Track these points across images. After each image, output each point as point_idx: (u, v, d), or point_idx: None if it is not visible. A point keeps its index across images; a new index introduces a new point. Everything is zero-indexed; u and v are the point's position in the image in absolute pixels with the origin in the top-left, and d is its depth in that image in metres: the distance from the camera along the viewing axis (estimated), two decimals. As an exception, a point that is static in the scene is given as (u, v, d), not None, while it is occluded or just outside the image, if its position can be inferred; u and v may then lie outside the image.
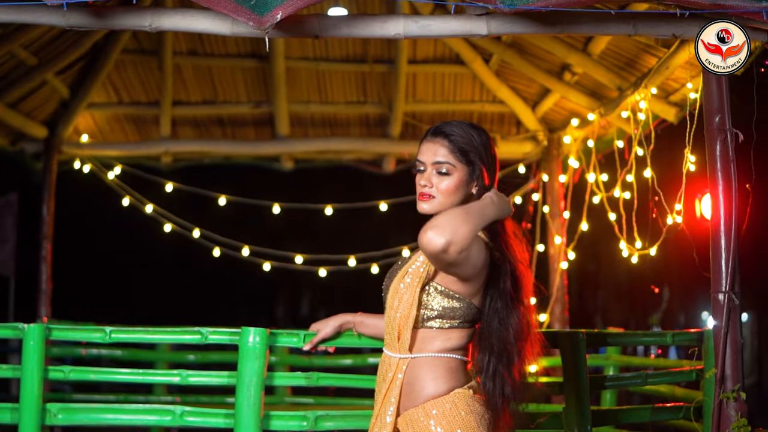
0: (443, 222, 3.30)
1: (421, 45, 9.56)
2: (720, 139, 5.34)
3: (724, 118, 5.36)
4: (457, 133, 3.65)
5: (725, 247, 5.29)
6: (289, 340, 4.76)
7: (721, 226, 5.31)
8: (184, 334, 4.85)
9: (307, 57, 9.73)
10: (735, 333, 5.26)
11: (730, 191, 5.30)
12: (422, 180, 3.65)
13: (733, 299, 5.25)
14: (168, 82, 9.62)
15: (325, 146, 10.31)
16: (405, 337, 3.58)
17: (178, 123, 10.17)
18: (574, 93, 8.75)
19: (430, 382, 3.56)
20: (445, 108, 10.20)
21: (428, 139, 3.69)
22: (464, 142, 3.63)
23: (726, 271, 5.28)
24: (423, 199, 3.65)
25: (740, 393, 5.17)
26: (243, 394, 4.62)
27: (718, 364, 5.22)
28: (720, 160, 5.35)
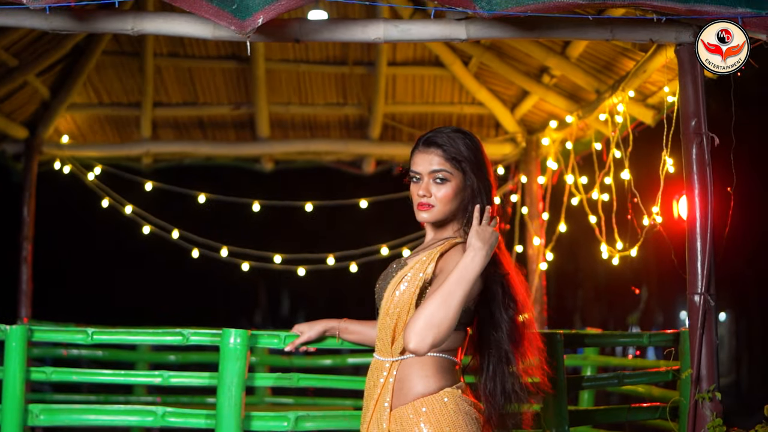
0: (422, 325, 3.33)
1: (401, 47, 9.60)
2: (696, 142, 5.38)
3: (701, 122, 5.41)
4: (449, 141, 3.71)
5: (701, 249, 5.33)
6: (270, 342, 4.79)
7: (696, 228, 5.35)
8: (166, 335, 4.87)
9: (288, 59, 9.75)
10: (710, 334, 5.30)
11: (706, 194, 5.34)
12: (420, 190, 3.74)
13: (709, 301, 5.29)
14: (148, 83, 9.63)
15: (305, 147, 10.32)
16: (400, 341, 3.63)
17: (159, 124, 10.17)
18: (553, 95, 8.80)
19: (420, 380, 3.62)
20: (425, 110, 10.23)
21: (421, 150, 3.76)
22: (456, 150, 3.69)
23: (701, 272, 5.31)
24: (422, 209, 3.74)
25: (715, 393, 5.22)
26: (224, 394, 4.64)
27: (694, 365, 5.26)
28: (696, 164, 5.39)
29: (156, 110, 9.97)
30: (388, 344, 3.67)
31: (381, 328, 3.72)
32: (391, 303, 3.67)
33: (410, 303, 3.62)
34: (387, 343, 3.68)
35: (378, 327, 3.75)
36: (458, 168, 3.71)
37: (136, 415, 4.83)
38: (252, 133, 10.25)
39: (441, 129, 3.80)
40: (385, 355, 3.69)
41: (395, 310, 3.65)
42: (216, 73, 9.84)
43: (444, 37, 5.35)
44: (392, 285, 3.70)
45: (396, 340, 3.65)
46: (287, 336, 4.67)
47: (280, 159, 10.62)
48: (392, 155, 10.47)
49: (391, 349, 3.67)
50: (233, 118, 10.24)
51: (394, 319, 3.66)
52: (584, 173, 8.70)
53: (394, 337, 3.66)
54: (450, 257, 3.63)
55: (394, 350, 3.65)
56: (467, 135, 3.78)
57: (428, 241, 3.88)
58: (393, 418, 3.61)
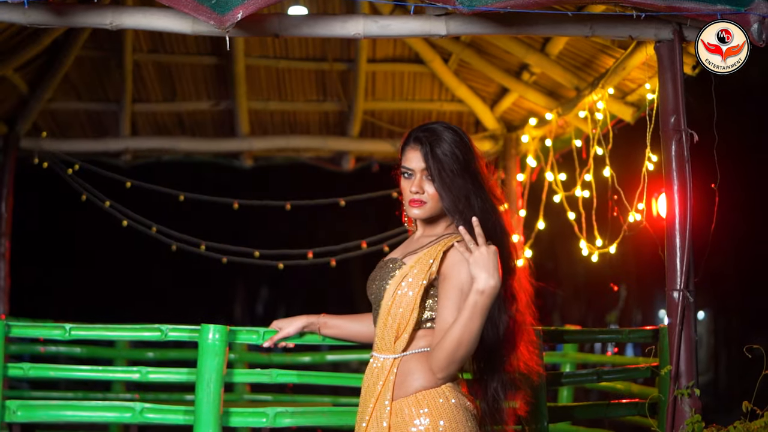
0: (446, 362, 3.51)
1: (381, 44, 9.59)
2: (675, 139, 5.38)
3: (680, 119, 5.41)
4: (440, 137, 3.72)
5: (680, 246, 5.33)
6: (248, 337, 4.78)
7: (675, 225, 5.35)
8: (144, 331, 4.83)
9: (267, 55, 9.72)
10: (689, 330, 5.31)
11: (685, 191, 5.35)
12: (413, 186, 3.76)
13: (688, 297, 5.29)
14: (128, 79, 9.58)
15: (285, 144, 10.27)
16: (404, 338, 3.66)
17: (138, 121, 10.10)
18: (532, 92, 8.81)
19: (422, 374, 3.64)
20: (404, 107, 10.22)
21: (413, 146, 3.77)
22: (448, 147, 3.71)
23: (680, 269, 5.31)
24: (415, 206, 3.77)
25: (694, 390, 5.22)
26: (203, 390, 4.62)
27: (673, 361, 5.26)
28: (675, 160, 5.39)
29: (135, 106, 9.90)
30: (391, 342, 3.69)
31: (381, 326, 3.73)
32: (393, 302, 3.69)
33: (414, 303, 3.66)
34: (389, 341, 3.70)
35: (378, 326, 3.76)
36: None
37: (115, 411, 4.80)
38: (231, 130, 10.19)
39: (431, 125, 3.80)
40: (386, 352, 3.71)
41: (398, 310, 3.67)
42: (195, 69, 9.80)
43: (424, 32, 5.35)
44: (393, 284, 3.71)
45: (400, 338, 3.67)
46: (266, 332, 4.66)
47: (260, 155, 10.58)
48: (372, 152, 10.44)
49: (393, 346, 3.69)
50: (212, 114, 10.18)
51: (397, 319, 3.68)
52: (563, 170, 8.70)
53: (398, 335, 3.68)
54: (453, 262, 3.65)
55: (397, 347, 3.68)
56: (457, 131, 3.79)
57: (418, 237, 3.91)
58: (393, 410, 3.63)
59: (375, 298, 3.82)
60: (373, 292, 3.84)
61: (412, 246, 3.86)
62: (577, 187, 8.16)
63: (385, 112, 10.29)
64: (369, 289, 3.89)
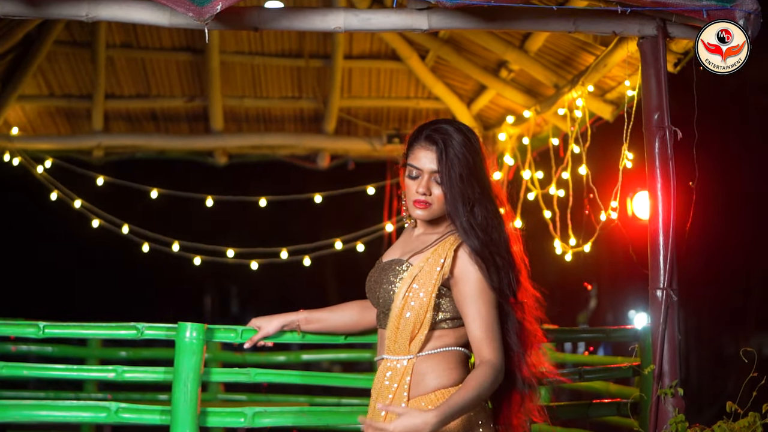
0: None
1: (358, 40, 9.51)
2: (659, 136, 5.33)
3: (663, 116, 5.35)
4: (453, 140, 3.66)
5: (663, 244, 5.28)
6: (226, 336, 4.70)
7: (659, 222, 5.30)
8: (120, 330, 4.73)
9: (242, 51, 9.63)
10: (672, 329, 5.25)
11: (669, 188, 5.29)
12: (420, 187, 3.70)
13: (671, 296, 5.25)
14: (101, 74, 9.43)
15: (260, 141, 10.19)
16: (419, 339, 3.63)
17: (111, 116, 9.98)
18: (510, 90, 8.75)
19: (441, 372, 3.65)
20: (380, 104, 10.16)
21: (423, 145, 3.71)
22: (460, 151, 3.65)
23: (664, 267, 5.27)
24: (420, 207, 3.71)
25: (678, 389, 5.18)
26: (179, 390, 4.54)
27: (656, 361, 5.22)
28: (659, 158, 5.34)
29: (108, 102, 9.77)
30: (405, 344, 3.65)
31: (393, 329, 3.68)
32: (405, 305, 3.65)
33: (428, 304, 3.63)
34: (403, 343, 3.65)
35: (389, 328, 3.70)
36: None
37: (89, 411, 4.70)
38: (206, 127, 10.09)
39: (444, 125, 3.73)
40: (400, 354, 3.66)
41: (411, 312, 3.63)
42: (170, 64, 9.69)
43: (405, 26, 5.27)
44: (403, 286, 3.66)
45: (414, 339, 3.63)
46: (244, 330, 4.59)
47: (234, 153, 10.46)
48: (347, 150, 10.36)
49: (408, 348, 3.64)
50: (187, 110, 10.09)
51: (411, 321, 3.63)
52: (540, 169, 8.66)
53: (413, 337, 3.64)
54: (465, 265, 3.64)
55: (413, 348, 3.64)
56: (467, 134, 3.72)
57: (418, 235, 3.86)
58: (410, 407, 3.59)
59: (383, 301, 3.75)
60: (380, 295, 3.76)
61: (414, 245, 3.80)
62: (552, 185, 8.11)
63: (361, 109, 10.22)
64: (373, 292, 3.82)
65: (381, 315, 3.80)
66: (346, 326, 4.36)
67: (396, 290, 3.68)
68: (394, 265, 3.75)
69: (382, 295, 3.75)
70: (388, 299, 3.71)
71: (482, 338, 3.58)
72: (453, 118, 3.93)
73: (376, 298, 3.79)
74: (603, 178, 7.21)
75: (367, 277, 3.92)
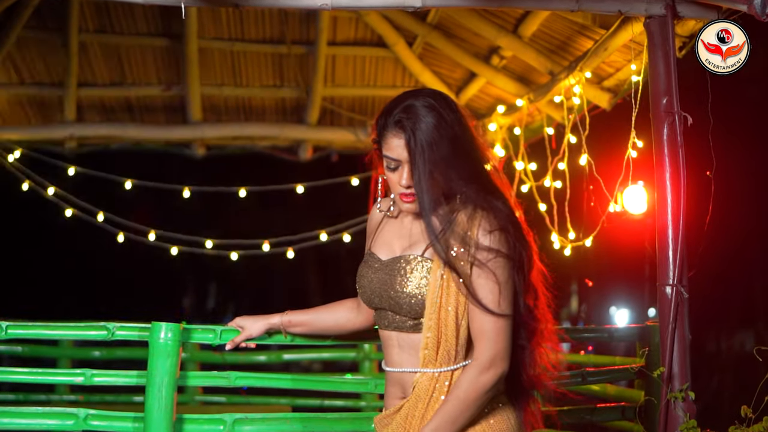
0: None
1: (342, 26, 9.19)
2: (668, 122, 5.09)
3: (672, 100, 5.11)
4: (424, 122, 3.27)
5: (672, 237, 5.03)
6: (204, 337, 4.40)
7: (668, 214, 5.04)
8: (89, 330, 4.42)
9: (222, 37, 9.29)
10: (683, 329, 5.01)
11: (679, 177, 5.05)
12: (402, 179, 3.32)
13: (682, 292, 5.00)
14: (73, 61, 9.08)
15: (239, 132, 9.87)
16: (463, 345, 3.33)
17: (84, 106, 9.64)
18: (502, 78, 8.44)
19: None
20: (366, 93, 9.85)
21: (394, 133, 3.31)
22: (433, 132, 3.27)
23: (673, 262, 5.01)
24: (408, 200, 3.35)
25: (688, 393, 4.92)
26: (153, 395, 4.24)
27: (666, 362, 4.95)
28: (667, 145, 5.09)
29: (81, 90, 9.43)
30: (452, 352, 3.32)
31: (434, 338, 3.32)
32: (436, 312, 3.31)
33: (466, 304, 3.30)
34: (449, 351, 3.32)
35: (431, 339, 3.32)
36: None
37: (55, 418, 4.35)
38: (183, 116, 9.77)
39: (412, 101, 3.32)
40: (445, 365, 3.32)
41: (452, 314, 3.31)
42: (146, 51, 9.34)
43: (397, 4, 4.98)
44: (434, 288, 3.32)
45: (459, 342, 3.32)
46: (223, 331, 4.30)
47: (213, 144, 10.14)
48: (330, 141, 10.06)
49: (455, 355, 3.32)
50: (163, 99, 9.76)
51: (454, 325, 3.31)
52: (533, 160, 8.37)
53: (458, 342, 3.31)
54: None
55: (459, 354, 3.33)
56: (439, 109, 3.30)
57: (412, 222, 3.47)
58: None
59: (407, 308, 3.37)
60: (403, 302, 3.37)
61: (416, 235, 3.42)
62: (548, 176, 7.81)
63: (345, 98, 9.91)
64: (378, 294, 3.45)
65: (390, 316, 3.44)
66: (336, 328, 4.02)
67: (427, 294, 3.32)
68: (412, 262, 3.38)
69: (399, 298, 3.37)
70: (412, 305, 3.35)
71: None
72: (423, 89, 3.42)
73: (387, 299, 3.42)
74: (600, 169, 6.93)
75: (361, 274, 3.55)
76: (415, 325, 3.36)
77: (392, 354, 3.46)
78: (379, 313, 3.49)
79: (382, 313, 3.46)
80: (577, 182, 7.28)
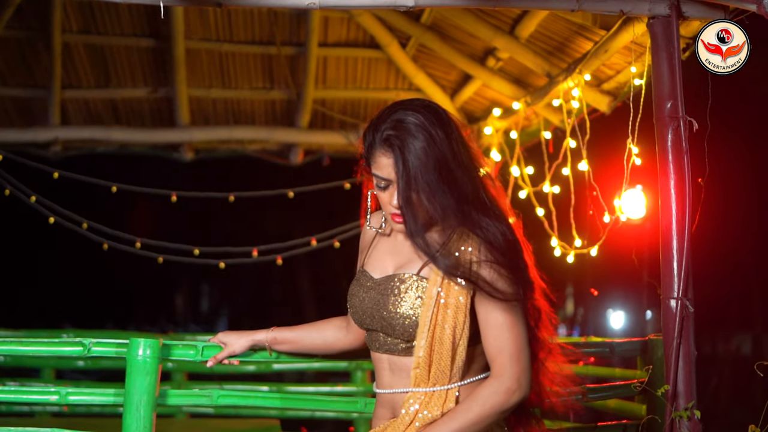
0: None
1: (333, 27, 8.98)
2: (672, 127, 4.86)
3: (677, 104, 4.88)
4: (412, 141, 3.10)
5: (677, 248, 4.80)
6: (185, 353, 4.20)
7: (672, 224, 4.82)
8: (65, 346, 4.24)
9: (209, 38, 9.08)
10: (688, 344, 4.78)
11: (684, 186, 4.83)
12: (393, 200, 3.16)
13: (687, 306, 4.76)
14: (57, 63, 8.88)
15: (228, 135, 9.66)
16: (459, 362, 3.19)
17: (69, 108, 9.42)
18: (498, 80, 8.21)
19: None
20: (357, 95, 9.63)
21: (382, 151, 3.13)
22: (423, 153, 3.12)
23: (678, 274, 4.78)
24: (399, 221, 3.18)
25: (694, 411, 4.69)
26: (131, 414, 4.04)
27: (670, 379, 4.72)
28: (671, 151, 4.86)
29: (65, 93, 9.22)
30: (447, 371, 3.16)
31: (426, 351, 3.16)
32: (435, 330, 3.16)
33: (465, 314, 3.15)
34: (442, 368, 3.15)
35: (423, 358, 3.16)
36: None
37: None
38: (170, 119, 9.55)
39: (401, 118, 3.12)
40: (439, 384, 3.17)
41: (443, 337, 3.15)
42: (131, 52, 9.13)
43: (388, 4, 4.74)
44: (429, 307, 3.15)
45: (455, 361, 3.17)
46: (205, 347, 4.10)
47: (201, 148, 9.91)
48: (322, 144, 9.83)
49: (449, 373, 3.16)
50: (150, 102, 9.54)
51: (450, 344, 3.15)
52: (529, 164, 8.17)
53: (454, 362, 3.16)
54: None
55: (454, 374, 3.17)
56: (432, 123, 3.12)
57: (405, 239, 3.28)
58: None
59: (400, 330, 3.20)
60: (388, 317, 3.21)
61: (409, 252, 3.24)
62: (546, 182, 7.61)
63: (336, 101, 9.69)
64: (369, 314, 3.28)
65: (381, 338, 3.28)
66: (323, 347, 3.86)
67: (421, 314, 3.16)
68: (401, 282, 3.21)
69: (393, 319, 3.21)
70: (404, 325, 3.18)
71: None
72: (413, 100, 3.20)
73: (379, 319, 3.24)
74: (599, 175, 6.80)
75: (352, 293, 3.38)
76: (408, 349, 3.19)
77: (383, 377, 3.30)
78: (370, 335, 3.31)
79: (374, 335, 3.28)
80: (579, 188, 7.09)
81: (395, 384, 3.25)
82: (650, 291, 4.96)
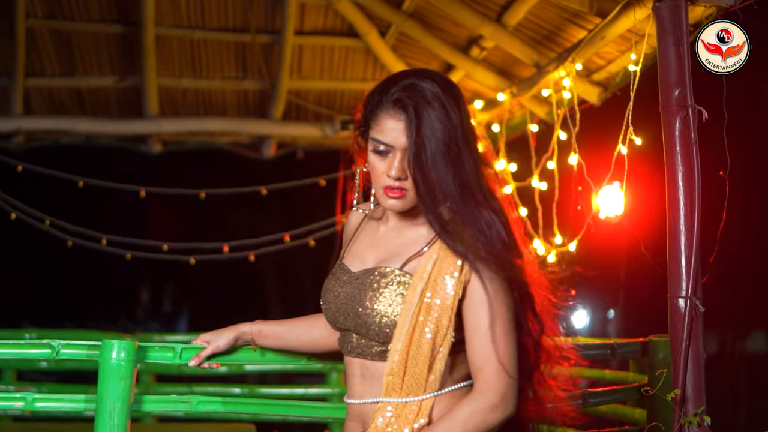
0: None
1: (310, 14, 8.73)
2: (680, 116, 4.62)
3: (685, 93, 4.64)
4: (430, 107, 2.80)
5: (686, 245, 4.55)
6: (162, 356, 3.92)
7: (680, 220, 4.57)
8: (32, 348, 3.93)
9: (181, 25, 8.80)
10: (697, 346, 4.53)
11: (693, 179, 4.59)
12: (392, 170, 2.84)
13: (697, 306, 4.52)
14: (20, 50, 8.59)
15: (199, 127, 9.37)
16: (437, 372, 2.89)
17: (32, 97, 9.16)
18: (481, 70, 7.96)
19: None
20: (334, 86, 9.38)
21: (391, 113, 2.82)
22: (439, 122, 2.81)
23: (687, 272, 4.53)
24: (394, 195, 2.87)
25: (704, 417, 4.44)
26: (104, 422, 3.74)
27: (679, 383, 4.48)
28: (680, 143, 4.61)
29: (28, 81, 8.94)
30: (422, 378, 2.86)
31: (402, 356, 2.85)
32: (415, 330, 2.86)
33: (449, 318, 2.84)
34: (419, 377, 2.85)
35: (397, 363, 2.86)
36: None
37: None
38: (138, 110, 9.26)
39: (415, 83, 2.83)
40: (413, 394, 2.85)
41: (425, 338, 2.85)
42: (98, 39, 8.84)
43: None
44: (410, 306, 2.85)
45: (433, 369, 2.86)
46: (184, 349, 3.82)
47: (170, 139, 9.63)
48: (296, 137, 9.57)
49: (425, 384, 2.86)
50: (117, 92, 9.26)
51: (429, 350, 2.85)
52: (512, 159, 7.94)
53: (431, 369, 2.85)
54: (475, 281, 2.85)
55: (431, 384, 2.87)
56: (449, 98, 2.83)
57: (400, 229, 3.00)
58: None
59: (371, 324, 2.90)
60: (363, 314, 2.91)
61: (397, 243, 2.94)
62: (534, 176, 7.36)
63: (311, 92, 9.44)
64: (343, 311, 2.98)
65: (354, 339, 2.99)
66: (309, 345, 3.55)
67: (402, 313, 2.86)
68: (387, 276, 2.91)
69: (368, 316, 2.91)
70: (378, 326, 2.89)
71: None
72: (428, 69, 2.91)
73: (353, 317, 2.95)
74: (588, 168, 6.56)
75: (326, 288, 3.08)
76: (383, 353, 2.90)
77: (354, 384, 3.02)
78: (343, 336, 3.04)
79: (347, 336, 3.01)
80: (563, 183, 6.85)
81: (366, 393, 2.97)
82: (622, 290, 4.76)
